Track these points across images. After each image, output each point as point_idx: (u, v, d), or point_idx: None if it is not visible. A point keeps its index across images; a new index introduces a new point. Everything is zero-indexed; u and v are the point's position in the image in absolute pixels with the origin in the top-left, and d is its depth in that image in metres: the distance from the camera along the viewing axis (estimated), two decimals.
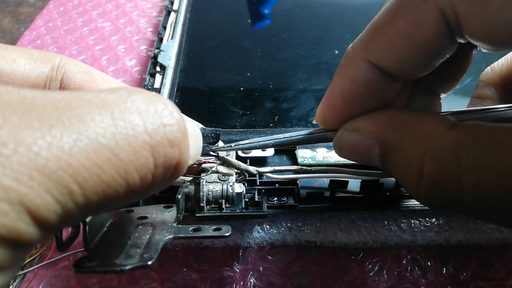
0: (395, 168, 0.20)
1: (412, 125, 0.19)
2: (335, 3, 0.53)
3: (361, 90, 0.21)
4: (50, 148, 0.12)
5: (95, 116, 0.14)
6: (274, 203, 0.29)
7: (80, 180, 0.13)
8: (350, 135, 0.21)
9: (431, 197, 0.18)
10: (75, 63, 0.25)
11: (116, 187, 0.14)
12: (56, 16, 0.55)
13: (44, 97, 0.14)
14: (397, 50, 0.19)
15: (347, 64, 0.21)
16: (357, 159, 0.22)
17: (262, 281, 0.29)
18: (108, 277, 0.29)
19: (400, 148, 0.19)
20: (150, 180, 0.15)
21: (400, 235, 0.30)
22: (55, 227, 0.13)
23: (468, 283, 0.29)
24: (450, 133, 0.18)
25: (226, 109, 0.38)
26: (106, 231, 0.21)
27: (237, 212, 0.27)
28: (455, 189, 0.17)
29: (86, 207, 0.14)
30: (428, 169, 0.18)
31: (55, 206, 0.13)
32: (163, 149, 0.15)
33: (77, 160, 0.13)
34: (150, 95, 0.16)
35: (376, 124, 0.20)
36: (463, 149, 0.17)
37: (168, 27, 0.48)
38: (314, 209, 0.29)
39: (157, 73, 0.41)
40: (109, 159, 0.14)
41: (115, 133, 0.14)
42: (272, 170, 0.28)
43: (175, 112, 0.16)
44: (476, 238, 0.30)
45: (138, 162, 0.14)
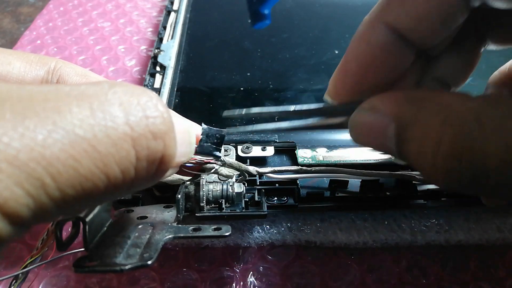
0: (411, 145, 0.18)
1: (429, 98, 0.18)
2: (335, 3, 0.53)
3: (377, 53, 0.20)
4: (22, 139, 0.12)
5: (72, 107, 0.13)
6: (274, 203, 0.29)
7: (53, 173, 0.12)
8: (366, 114, 0.20)
9: (451, 168, 0.17)
10: (71, 66, 0.25)
11: (95, 181, 0.14)
12: (56, 16, 0.55)
13: (20, 89, 0.13)
14: (412, 9, 0.19)
15: (364, 29, 0.21)
16: (371, 141, 0.21)
17: (262, 281, 0.29)
18: (108, 277, 0.29)
19: (417, 121, 0.18)
20: (133, 174, 0.15)
21: (400, 235, 0.30)
22: (29, 222, 0.13)
23: (468, 283, 0.29)
24: (470, 101, 0.17)
25: (226, 109, 0.38)
26: (106, 230, 0.21)
27: (237, 212, 0.27)
28: (478, 155, 0.16)
29: (63, 201, 0.13)
30: (448, 137, 0.16)
31: (27, 200, 0.12)
32: (145, 141, 0.15)
33: (51, 151, 0.12)
34: (133, 87, 0.15)
35: (392, 101, 0.20)
36: (485, 114, 0.16)
37: (168, 27, 0.48)
38: (314, 209, 0.29)
39: (157, 73, 0.41)
40: (86, 151, 0.13)
41: (93, 125, 0.13)
42: (272, 170, 0.28)
43: (159, 105, 0.16)
44: (476, 238, 0.30)
45: (118, 155, 0.14)
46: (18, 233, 0.13)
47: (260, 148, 0.31)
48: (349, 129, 0.22)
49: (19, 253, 0.30)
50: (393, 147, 0.19)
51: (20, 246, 0.30)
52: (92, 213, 0.19)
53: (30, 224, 0.13)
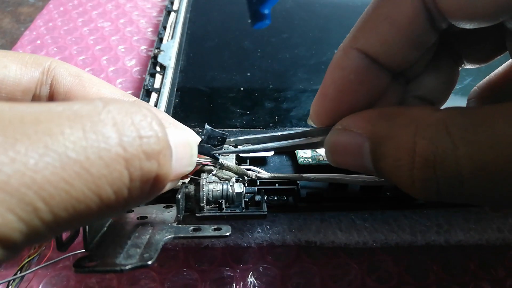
0: (386, 160, 0.19)
1: (399, 114, 0.19)
2: (335, 3, 0.53)
3: (351, 77, 0.21)
4: (13, 164, 0.12)
5: (64, 129, 0.13)
6: (274, 203, 0.29)
7: (45, 197, 0.12)
8: (340, 134, 0.21)
9: (427, 178, 0.17)
10: (65, 66, 0.25)
11: (88, 202, 0.13)
12: (56, 16, 0.55)
13: (11, 110, 0.13)
14: (380, 34, 0.20)
15: (337, 56, 0.22)
16: (349, 161, 0.22)
17: (262, 281, 0.29)
18: (108, 277, 0.29)
19: (390, 137, 0.19)
20: (126, 194, 0.15)
21: (400, 235, 0.30)
22: (21, 245, 0.13)
23: (468, 283, 0.29)
24: (438, 112, 0.18)
25: (226, 109, 0.38)
26: (106, 231, 0.21)
27: (237, 212, 0.27)
28: (451, 164, 0.17)
29: (56, 224, 0.13)
30: (420, 148, 0.17)
31: (19, 225, 0.12)
32: (138, 162, 0.15)
33: (42, 175, 0.12)
34: (128, 106, 0.15)
35: (365, 119, 0.20)
36: (452, 123, 0.17)
37: (168, 27, 0.48)
38: (314, 209, 0.29)
39: (157, 73, 0.41)
40: (78, 173, 0.13)
41: (86, 147, 0.13)
42: (272, 176, 0.28)
43: (154, 123, 0.16)
44: (476, 238, 0.30)
45: (111, 176, 0.14)
46: (10, 256, 0.13)
47: None
48: (325, 151, 0.23)
49: None
50: (370, 166, 0.20)
51: None
52: None
53: (23, 247, 0.13)
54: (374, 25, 0.20)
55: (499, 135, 0.16)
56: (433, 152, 0.17)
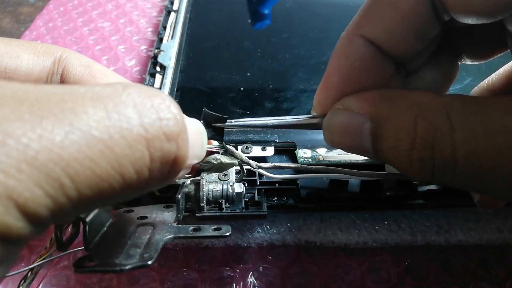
0: (387, 140, 0.19)
1: (402, 96, 0.19)
2: (335, 3, 0.53)
3: (355, 65, 0.21)
4: (40, 140, 0.12)
5: (88, 109, 0.14)
6: (274, 203, 0.29)
7: (71, 173, 0.13)
8: (341, 114, 0.21)
9: (424, 158, 0.18)
10: (77, 57, 0.25)
11: (111, 181, 0.14)
12: (56, 16, 0.55)
13: (37, 90, 0.13)
14: (384, 21, 0.20)
15: (341, 43, 0.22)
16: (347, 142, 0.21)
17: (262, 281, 0.29)
18: (108, 277, 0.29)
19: (391, 117, 0.19)
20: (147, 175, 0.15)
21: (400, 235, 0.30)
22: (47, 221, 0.13)
23: (468, 283, 0.29)
24: (440, 97, 0.18)
25: (226, 109, 0.38)
26: (106, 231, 0.21)
27: (237, 212, 0.27)
28: (447, 146, 0.17)
29: (80, 201, 0.13)
30: (420, 129, 0.18)
31: (46, 200, 0.12)
32: (159, 143, 0.15)
33: (69, 152, 0.13)
34: (147, 89, 0.16)
35: (366, 100, 0.20)
36: (453, 109, 0.17)
37: (168, 27, 0.48)
38: (314, 209, 0.29)
39: (157, 73, 0.41)
40: (102, 152, 0.13)
41: (109, 126, 0.14)
42: (273, 166, 0.28)
43: (172, 107, 0.16)
44: (476, 238, 0.30)
45: (133, 156, 0.14)
46: (37, 232, 0.13)
47: (260, 148, 0.31)
48: (324, 131, 0.22)
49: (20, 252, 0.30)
50: (369, 147, 0.20)
51: None
52: (92, 213, 0.19)
53: (49, 223, 0.13)
54: (378, 12, 0.20)
55: (495, 124, 0.16)
56: (432, 133, 0.17)
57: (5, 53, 0.22)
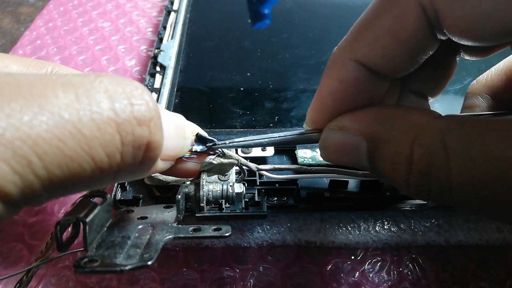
0: (384, 162, 0.19)
1: (398, 117, 0.19)
2: (335, 3, 0.53)
3: (349, 89, 0.21)
4: (8, 119, 0.12)
5: (58, 93, 0.14)
6: (274, 203, 0.29)
7: (39, 152, 0.13)
8: (336, 134, 0.21)
9: (421, 185, 0.18)
10: (68, 70, 0.25)
11: (81, 163, 0.14)
12: (56, 16, 0.55)
13: (7, 76, 0.14)
14: (382, 46, 0.19)
15: (334, 65, 0.21)
16: (344, 159, 0.22)
17: (262, 281, 0.29)
18: (108, 277, 0.29)
19: (388, 140, 0.19)
20: (119, 159, 0.15)
21: (400, 235, 0.30)
22: (17, 201, 0.13)
23: (468, 283, 0.29)
24: (437, 121, 0.18)
25: (226, 109, 0.38)
26: (106, 231, 0.21)
27: (237, 212, 0.27)
28: (443, 174, 0.17)
29: (50, 182, 0.13)
30: (417, 156, 0.18)
31: (13, 177, 0.12)
32: (130, 127, 0.15)
33: (37, 132, 0.13)
34: (119, 78, 0.16)
35: (362, 120, 0.20)
36: (449, 135, 0.17)
37: (168, 27, 0.48)
38: (314, 209, 0.29)
39: (157, 73, 0.41)
40: (71, 133, 0.14)
41: (78, 109, 0.14)
42: (272, 168, 0.28)
43: (145, 94, 0.16)
44: (476, 238, 0.30)
45: (103, 139, 0.14)
46: (7, 213, 0.13)
47: (260, 148, 0.31)
48: (320, 149, 0.23)
49: (19, 253, 0.30)
50: (366, 164, 0.20)
51: (19, 246, 0.30)
52: (92, 213, 0.19)
53: (20, 204, 0.13)
54: (374, 37, 0.19)
55: (490, 154, 0.16)
56: (428, 161, 0.17)
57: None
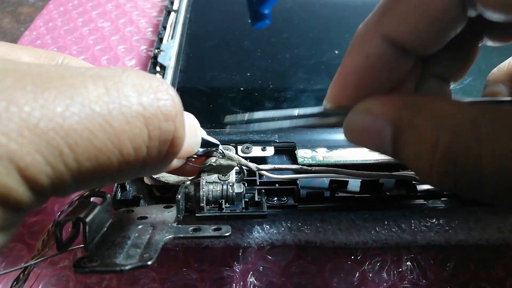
0: (408, 148, 0.19)
1: (426, 104, 0.19)
2: (335, 3, 0.53)
3: (375, 65, 0.21)
4: (42, 110, 0.13)
5: (88, 85, 0.14)
6: (274, 203, 0.29)
7: (71, 143, 0.13)
8: (362, 116, 0.21)
9: (446, 174, 0.17)
10: (78, 62, 0.25)
11: (109, 155, 0.14)
12: (56, 16, 0.55)
13: (39, 67, 0.14)
14: (410, 21, 0.19)
15: (360, 40, 0.21)
16: (368, 143, 0.21)
17: (262, 281, 0.29)
18: (108, 277, 0.29)
19: (414, 126, 0.18)
20: (145, 153, 0.15)
21: (400, 235, 0.30)
22: (47, 191, 0.13)
23: (468, 283, 0.29)
24: (468, 108, 0.17)
25: (226, 109, 0.38)
26: (106, 231, 0.20)
27: (237, 212, 0.27)
28: (473, 161, 0.16)
29: (79, 173, 0.14)
30: (443, 141, 0.17)
31: (46, 167, 0.13)
32: (157, 121, 0.15)
33: (69, 123, 0.13)
34: (145, 73, 0.16)
35: (389, 105, 0.20)
36: (482, 122, 0.16)
37: (168, 27, 0.48)
38: (314, 209, 0.29)
39: (157, 73, 0.41)
40: (101, 125, 0.14)
41: (108, 102, 0.14)
42: (272, 168, 0.28)
43: (170, 89, 0.16)
44: (476, 238, 0.30)
45: (131, 132, 0.15)
46: (36, 202, 0.13)
47: (260, 148, 0.31)
48: (344, 130, 0.22)
49: (19, 252, 0.30)
50: (389, 149, 0.20)
51: (20, 245, 0.30)
52: (92, 213, 0.19)
53: (48, 194, 0.14)
54: (402, 12, 0.19)
55: None
56: (456, 147, 0.17)
57: (6, 54, 0.23)
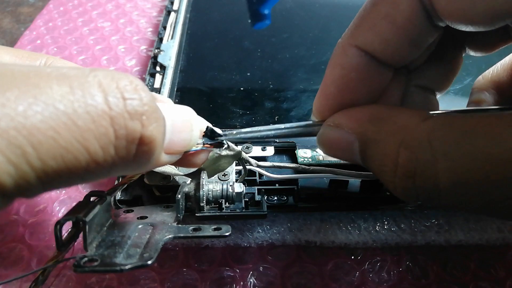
0: (373, 162, 0.20)
1: (388, 118, 0.20)
2: (335, 3, 0.53)
3: (351, 76, 0.21)
4: (3, 109, 0.12)
5: (53, 85, 0.14)
6: (274, 203, 0.29)
7: (34, 142, 0.13)
8: (332, 131, 0.22)
9: (407, 187, 0.18)
10: (62, 62, 0.25)
11: (76, 154, 0.14)
12: (56, 16, 0.55)
13: (2, 66, 0.14)
14: (379, 32, 0.20)
15: (337, 53, 0.22)
16: (339, 155, 0.22)
17: (262, 281, 0.29)
18: (108, 277, 0.29)
19: (377, 141, 0.19)
20: (113, 152, 0.15)
21: (400, 235, 0.30)
22: (11, 192, 0.13)
23: (468, 283, 0.29)
24: (424, 123, 0.18)
25: (226, 109, 0.38)
26: (106, 230, 0.21)
27: (237, 212, 0.27)
28: (429, 176, 0.17)
29: (45, 173, 0.13)
30: (402, 158, 0.18)
31: (8, 167, 0.12)
32: (123, 121, 0.15)
33: (31, 122, 0.13)
34: (115, 73, 0.16)
35: (356, 119, 0.21)
36: (436, 137, 0.17)
37: (168, 27, 0.48)
38: (314, 209, 0.29)
39: (157, 73, 0.41)
40: (66, 124, 0.14)
41: (73, 101, 0.14)
42: (271, 165, 0.28)
43: (139, 88, 0.16)
44: (476, 238, 0.30)
45: (97, 131, 0.14)
46: (3, 204, 0.13)
47: (260, 148, 0.31)
48: (318, 143, 0.23)
49: (19, 253, 0.30)
50: (359, 161, 0.21)
51: (20, 246, 0.30)
52: (92, 213, 0.19)
53: (13, 195, 0.13)
54: (372, 23, 0.20)
55: (476, 153, 0.16)
56: (413, 164, 0.18)
57: None
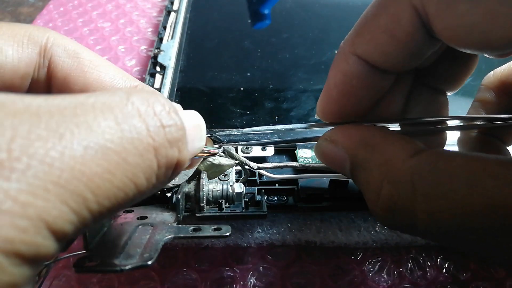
0: (360, 185, 0.21)
1: (377, 147, 0.20)
2: (335, 3, 0.53)
3: (352, 82, 0.21)
4: (63, 158, 0.12)
5: (100, 121, 0.14)
6: (274, 203, 0.29)
7: (93, 187, 0.13)
8: (327, 145, 0.22)
9: (387, 218, 0.19)
10: (63, 44, 0.24)
11: (126, 190, 0.14)
12: (56, 16, 0.55)
13: (49, 104, 0.14)
14: (379, 44, 0.20)
15: (339, 59, 0.22)
16: (333, 167, 0.23)
17: (262, 281, 0.29)
18: (108, 277, 0.29)
19: (364, 168, 0.20)
20: (155, 180, 0.16)
21: (400, 235, 0.30)
22: (70, 237, 0.13)
23: (468, 283, 0.29)
24: (410, 160, 0.18)
25: (226, 109, 0.38)
26: (106, 231, 0.21)
27: (237, 212, 0.27)
28: (408, 215, 0.18)
29: (99, 213, 0.14)
30: (385, 192, 0.19)
31: (71, 216, 0.13)
32: (164, 150, 0.16)
33: (89, 167, 0.13)
34: (147, 96, 0.16)
35: (349, 139, 0.21)
36: (419, 176, 0.18)
37: (168, 27, 0.48)
38: (314, 209, 0.29)
39: (157, 73, 0.41)
40: (118, 163, 0.14)
41: (122, 138, 0.14)
42: (273, 166, 0.28)
43: (172, 113, 0.16)
44: None
45: (144, 164, 0.15)
46: (60, 249, 0.13)
47: (260, 148, 0.31)
48: (315, 152, 0.24)
49: None
50: (350, 177, 0.22)
51: None
52: None
53: (72, 238, 0.14)
54: (372, 35, 0.20)
55: (457, 198, 0.16)
56: (395, 199, 0.18)
57: None
